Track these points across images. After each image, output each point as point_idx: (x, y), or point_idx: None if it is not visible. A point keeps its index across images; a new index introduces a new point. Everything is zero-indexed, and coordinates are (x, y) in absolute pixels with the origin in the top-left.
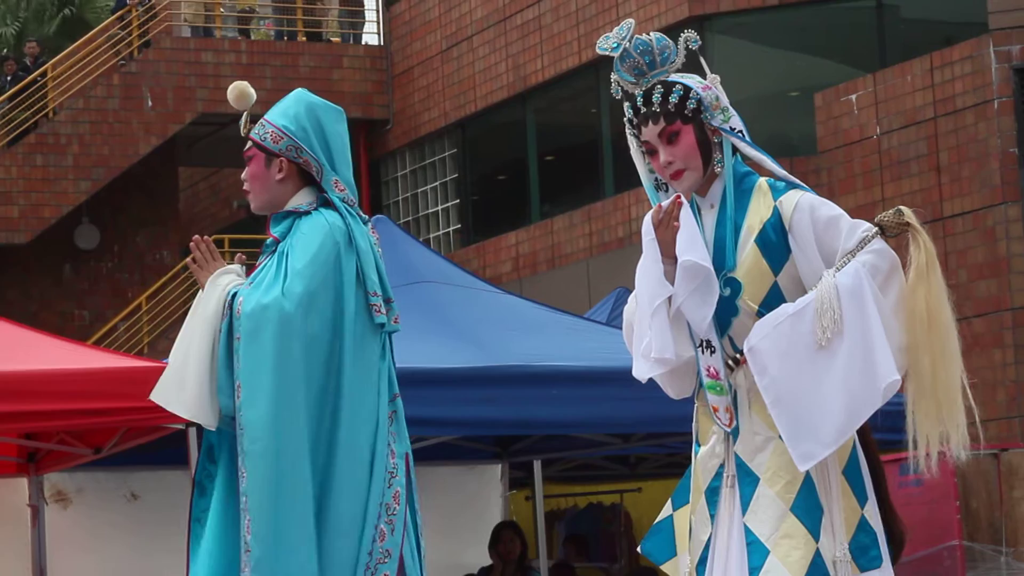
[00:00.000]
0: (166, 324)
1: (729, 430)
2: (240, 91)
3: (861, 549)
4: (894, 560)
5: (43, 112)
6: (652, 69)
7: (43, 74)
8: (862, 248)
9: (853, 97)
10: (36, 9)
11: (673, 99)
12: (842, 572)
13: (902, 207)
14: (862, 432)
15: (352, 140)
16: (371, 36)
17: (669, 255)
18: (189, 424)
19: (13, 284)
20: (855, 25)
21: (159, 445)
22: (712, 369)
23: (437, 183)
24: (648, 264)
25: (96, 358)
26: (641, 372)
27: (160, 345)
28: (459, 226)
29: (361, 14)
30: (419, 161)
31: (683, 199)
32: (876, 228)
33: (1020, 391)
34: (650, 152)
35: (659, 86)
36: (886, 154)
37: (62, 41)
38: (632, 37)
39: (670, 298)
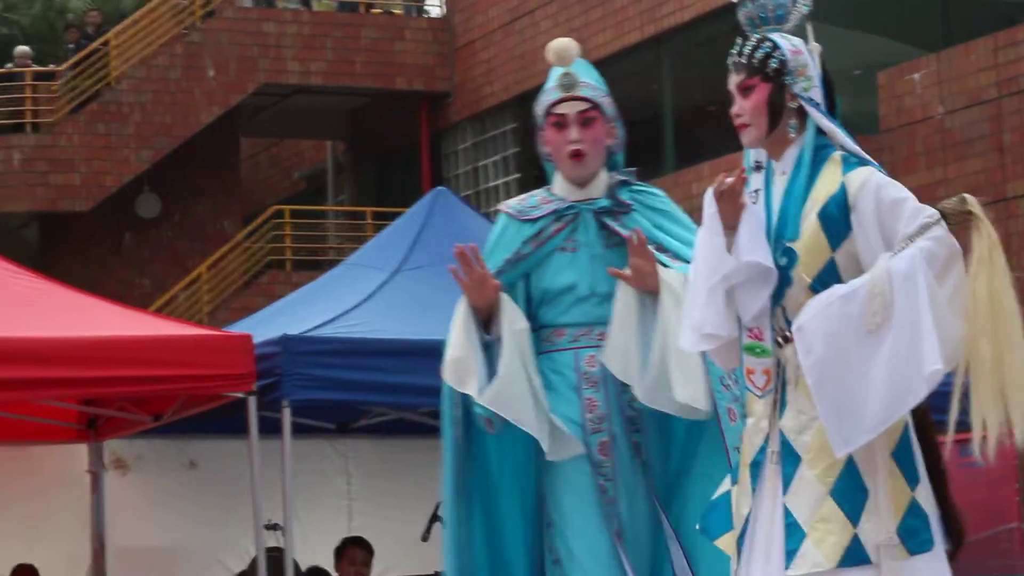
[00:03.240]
0: (226, 294)
1: (761, 394)
2: (563, 48)
3: (910, 532)
4: (957, 545)
5: (105, 81)
6: (765, 24)
7: (105, 43)
8: (922, 234)
9: (916, 76)
10: None
11: (758, 54)
12: (888, 556)
13: (966, 195)
14: (919, 413)
15: (413, 112)
16: (434, 8)
17: (730, 227)
18: (249, 392)
19: (74, 252)
20: (919, 4)
21: (218, 413)
22: (756, 330)
23: (498, 156)
24: (708, 236)
25: (157, 325)
26: (690, 344)
27: (220, 315)
28: None
29: None
30: (480, 134)
31: (746, 175)
32: (938, 215)
33: None
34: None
35: (754, 40)
36: (949, 134)
37: (132, 13)
38: None
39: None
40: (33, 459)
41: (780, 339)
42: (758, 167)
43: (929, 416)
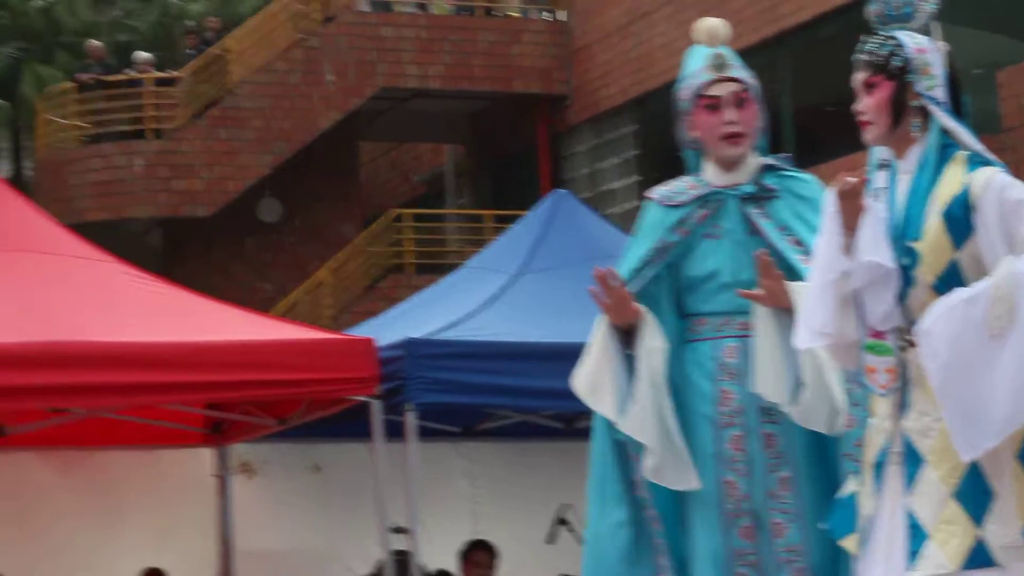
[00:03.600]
0: (347, 298)
1: (883, 392)
2: (713, 27)
3: None
4: None
5: (226, 86)
6: (892, 21)
7: (225, 49)
8: None
9: None
10: None
11: (882, 52)
12: (1015, 558)
13: None
14: None
15: (531, 115)
16: (550, 11)
17: (852, 227)
18: (372, 396)
19: (196, 256)
20: None
21: (343, 417)
22: (876, 330)
23: (617, 159)
24: (827, 235)
25: (281, 329)
26: (802, 341)
27: (342, 319)
28: (638, 202)
29: None
30: (599, 137)
31: (868, 176)
32: None
33: None
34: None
35: (879, 37)
36: None
37: (248, 18)
38: None
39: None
40: (160, 463)
41: (903, 341)
42: (883, 165)
43: None
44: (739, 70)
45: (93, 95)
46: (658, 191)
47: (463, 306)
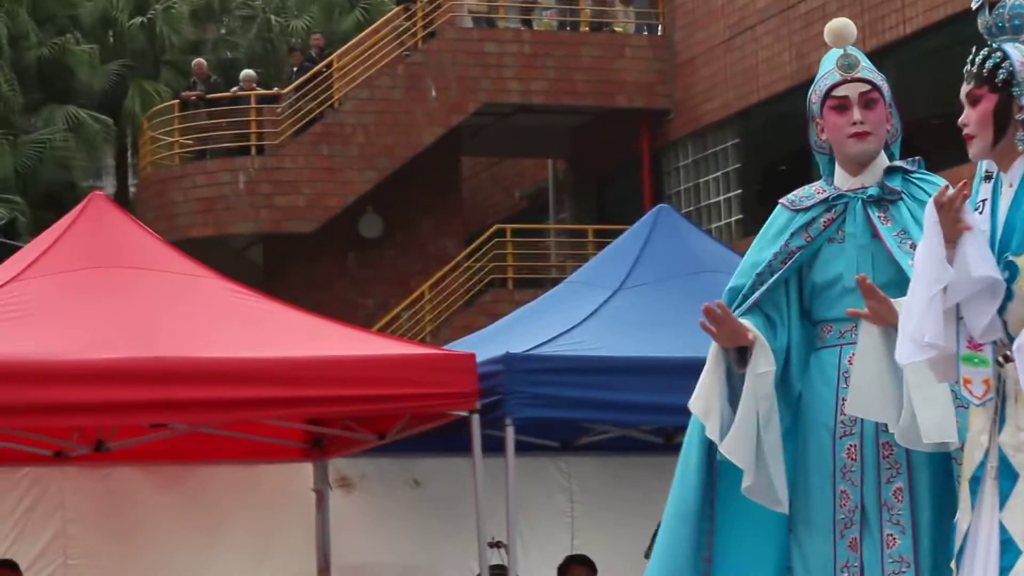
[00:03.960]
0: (449, 313)
1: (978, 403)
2: (842, 27)
3: None
4: None
5: (329, 103)
6: (1002, 33)
7: (328, 65)
8: None
9: None
10: (324, 5)
11: (988, 64)
12: None
13: None
14: None
15: (634, 130)
16: (654, 26)
17: (951, 239)
18: (472, 411)
19: (298, 272)
20: None
21: (442, 432)
22: (973, 341)
23: (719, 173)
24: (928, 246)
25: (380, 344)
26: (906, 355)
27: (442, 334)
28: (741, 216)
29: (645, 3)
30: (701, 151)
31: (967, 191)
32: None
33: None
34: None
35: (986, 49)
36: None
37: (351, 35)
38: None
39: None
40: (260, 478)
41: (1001, 357)
42: (988, 177)
43: None
44: (868, 71)
45: (197, 112)
46: (788, 196)
47: (563, 321)
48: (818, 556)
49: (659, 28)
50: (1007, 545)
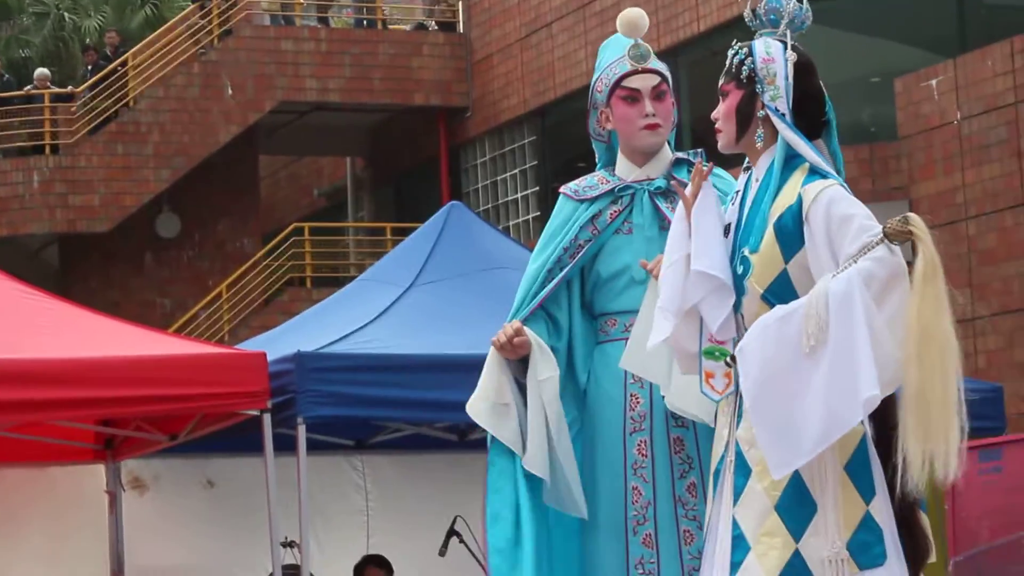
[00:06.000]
0: (246, 312)
1: (718, 398)
2: (636, 17)
3: (862, 547)
4: (917, 567)
5: (124, 101)
6: (762, 27)
7: (124, 63)
8: (864, 254)
9: (933, 82)
10: (118, 3)
11: (735, 60)
12: (834, 572)
13: (909, 214)
14: (883, 423)
15: (431, 127)
16: (449, 24)
17: (688, 211)
18: (263, 410)
19: (95, 272)
20: (935, 10)
21: (235, 431)
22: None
23: (517, 170)
24: (675, 223)
25: (171, 344)
26: (656, 335)
27: (240, 333)
28: (539, 213)
29: (440, 1)
30: (499, 148)
31: (704, 167)
32: (881, 234)
33: None
34: None
35: (736, 46)
36: (967, 140)
37: (144, 33)
38: None
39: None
40: (51, 480)
41: (729, 358)
42: (746, 169)
43: (895, 432)
44: (657, 62)
45: None
46: (569, 186)
47: (355, 319)
48: (610, 554)
49: (456, 25)
50: (738, 541)
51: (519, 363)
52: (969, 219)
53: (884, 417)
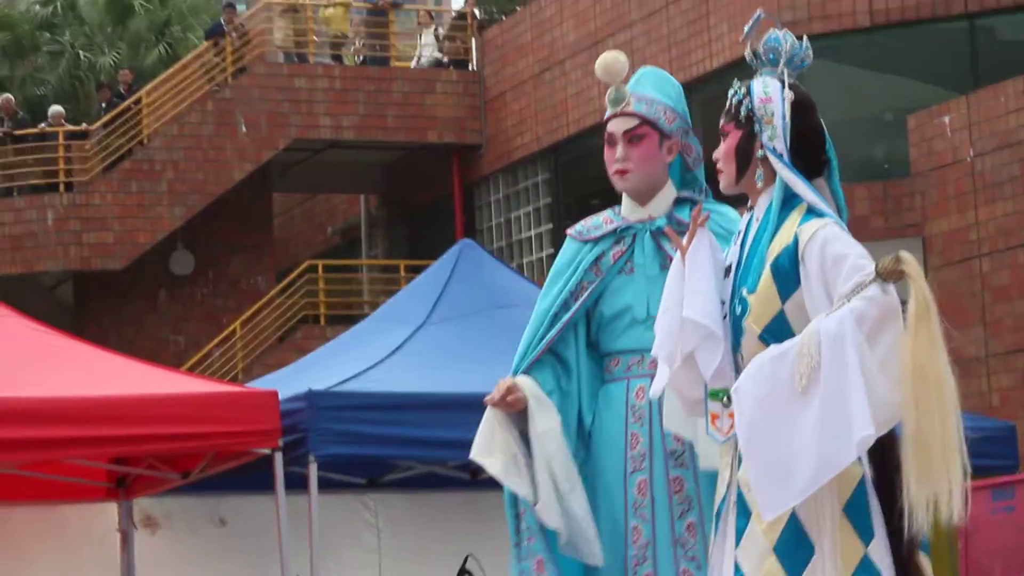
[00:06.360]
0: (260, 350)
1: (722, 440)
2: (609, 62)
3: None
4: None
5: (138, 139)
6: (762, 66)
7: (137, 101)
8: (856, 293)
9: (946, 119)
10: (132, 40)
11: (734, 100)
12: None
13: (902, 253)
14: (884, 464)
15: (444, 165)
16: (463, 62)
17: (683, 256)
18: (275, 448)
19: (109, 310)
20: (948, 47)
21: (247, 470)
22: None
23: (530, 208)
24: (672, 268)
25: (183, 383)
26: (656, 383)
27: (254, 371)
28: (552, 251)
29: (455, 39)
30: (512, 186)
31: (703, 213)
32: (874, 273)
33: None
34: None
35: (736, 85)
36: (979, 176)
37: (158, 71)
38: (754, 29)
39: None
40: (62, 518)
41: (726, 398)
42: (749, 208)
43: (898, 474)
44: (644, 103)
45: (4, 149)
46: (576, 226)
47: (367, 357)
48: None
49: (470, 63)
50: None
51: (521, 414)
52: (983, 256)
53: (886, 459)
